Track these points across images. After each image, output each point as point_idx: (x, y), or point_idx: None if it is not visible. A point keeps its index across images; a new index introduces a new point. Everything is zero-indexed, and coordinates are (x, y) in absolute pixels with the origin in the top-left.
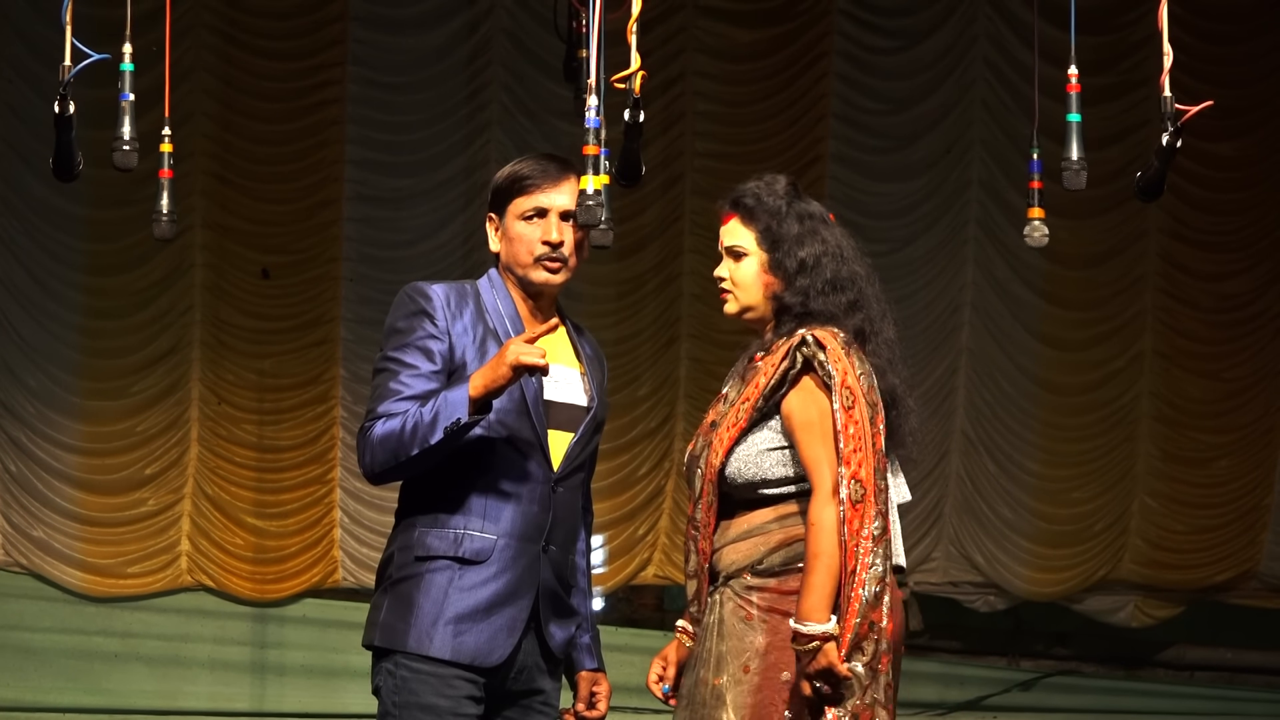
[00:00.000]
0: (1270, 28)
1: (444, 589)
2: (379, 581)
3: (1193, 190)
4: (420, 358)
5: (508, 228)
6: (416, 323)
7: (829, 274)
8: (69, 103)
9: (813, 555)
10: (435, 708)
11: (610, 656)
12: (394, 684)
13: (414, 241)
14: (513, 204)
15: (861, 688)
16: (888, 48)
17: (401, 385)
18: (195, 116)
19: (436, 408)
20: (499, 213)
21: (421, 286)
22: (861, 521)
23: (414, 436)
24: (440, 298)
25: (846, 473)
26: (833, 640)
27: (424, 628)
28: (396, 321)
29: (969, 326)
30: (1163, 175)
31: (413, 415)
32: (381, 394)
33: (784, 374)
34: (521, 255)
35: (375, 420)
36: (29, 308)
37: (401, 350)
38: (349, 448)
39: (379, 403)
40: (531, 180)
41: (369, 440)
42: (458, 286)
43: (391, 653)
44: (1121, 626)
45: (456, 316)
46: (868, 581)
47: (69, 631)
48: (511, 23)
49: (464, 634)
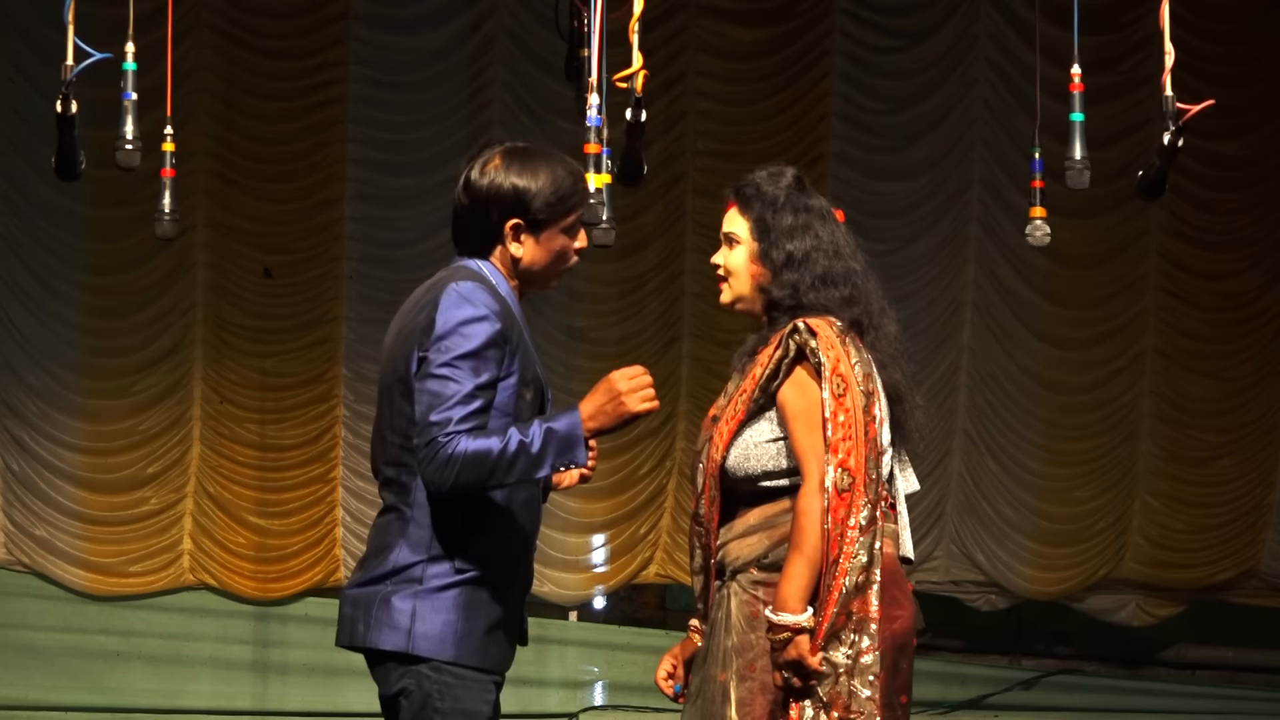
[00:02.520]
0: (1271, 27)
1: (484, 602)
2: (393, 583)
3: (1194, 189)
4: (487, 368)
5: (547, 239)
6: (481, 329)
7: (820, 269)
8: (71, 102)
9: (794, 545)
10: (480, 713)
11: (612, 655)
12: (437, 689)
13: (416, 241)
14: (564, 219)
15: (836, 675)
16: (889, 47)
17: (478, 396)
18: (197, 116)
19: (545, 441)
20: (533, 224)
21: (478, 290)
22: (848, 510)
23: (514, 465)
24: (494, 304)
25: (834, 461)
26: (805, 633)
27: (467, 638)
28: (456, 324)
29: (970, 325)
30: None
31: (514, 441)
32: (455, 401)
33: (778, 364)
34: (557, 265)
35: (459, 434)
36: (31, 307)
37: (470, 357)
38: (351, 447)
39: (454, 412)
40: (578, 196)
41: (454, 455)
42: (489, 287)
43: (424, 659)
44: (1123, 625)
45: (506, 323)
46: (850, 571)
47: (71, 630)
48: (513, 22)
49: (494, 643)
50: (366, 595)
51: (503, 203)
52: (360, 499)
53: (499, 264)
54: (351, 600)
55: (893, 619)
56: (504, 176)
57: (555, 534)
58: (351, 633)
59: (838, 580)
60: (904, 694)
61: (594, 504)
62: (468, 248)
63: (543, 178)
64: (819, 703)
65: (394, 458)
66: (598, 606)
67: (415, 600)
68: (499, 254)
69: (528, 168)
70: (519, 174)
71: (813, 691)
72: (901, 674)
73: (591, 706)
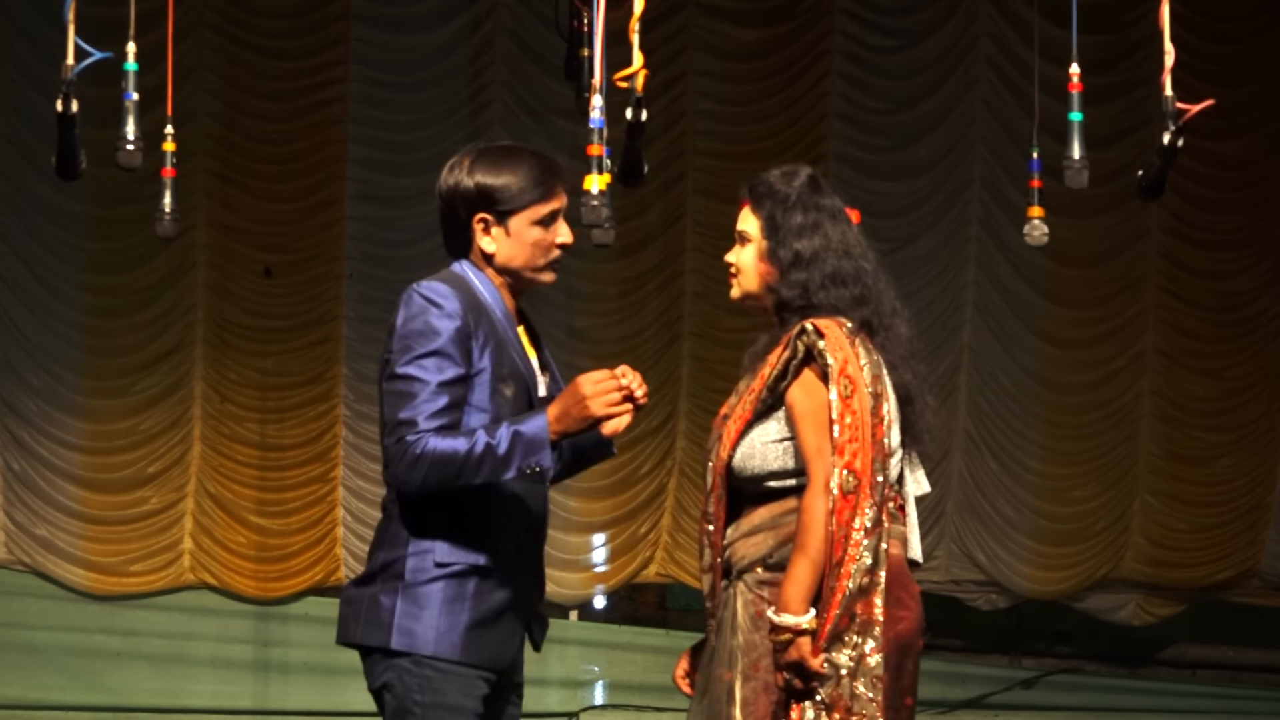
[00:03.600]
0: (1271, 27)
1: (467, 596)
2: (381, 580)
3: (1194, 189)
4: (451, 364)
5: (517, 231)
6: (442, 325)
7: (829, 268)
8: (72, 101)
9: (798, 546)
10: (462, 708)
11: (613, 655)
12: (417, 683)
13: (416, 240)
14: (527, 210)
15: (838, 678)
16: (889, 47)
17: (443, 393)
18: (198, 115)
19: (511, 443)
20: (499, 216)
21: (438, 287)
22: (853, 513)
23: (480, 466)
24: (456, 300)
25: (840, 463)
26: (807, 634)
27: (447, 632)
28: (416, 323)
29: (971, 325)
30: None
31: (481, 443)
32: (421, 400)
33: (785, 364)
34: (535, 258)
35: (427, 433)
36: (32, 306)
37: (433, 355)
38: (351, 446)
39: (420, 410)
40: (545, 186)
41: (422, 454)
42: (457, 284)
43: (405, 653)
44: (1123, 625)
45: (472, 318)
46: (854, 574)
47: (72, 630)
48: (513, 21)
49: (483, 638)
50: (359, 594)
51: (467, 200)
52: (361, 499)
53: (479, 263)
54: (347, 599)
55: (897, 620)
56: (468, 175)
57: (555, 533)
58: (346, 630)
59: (841, 582)
60: (909, 695)
61: (594, 503)
62: (450, 249)
63: (506, 173)
64: (820, 704)
65: (384, 459)
66: (598, 606)
67: (398, 596)
68: (475, 252)
69: (494, 164)
70: (484, 171)
71: (814, 693)
72: (906, 675)
73: (591, 706)
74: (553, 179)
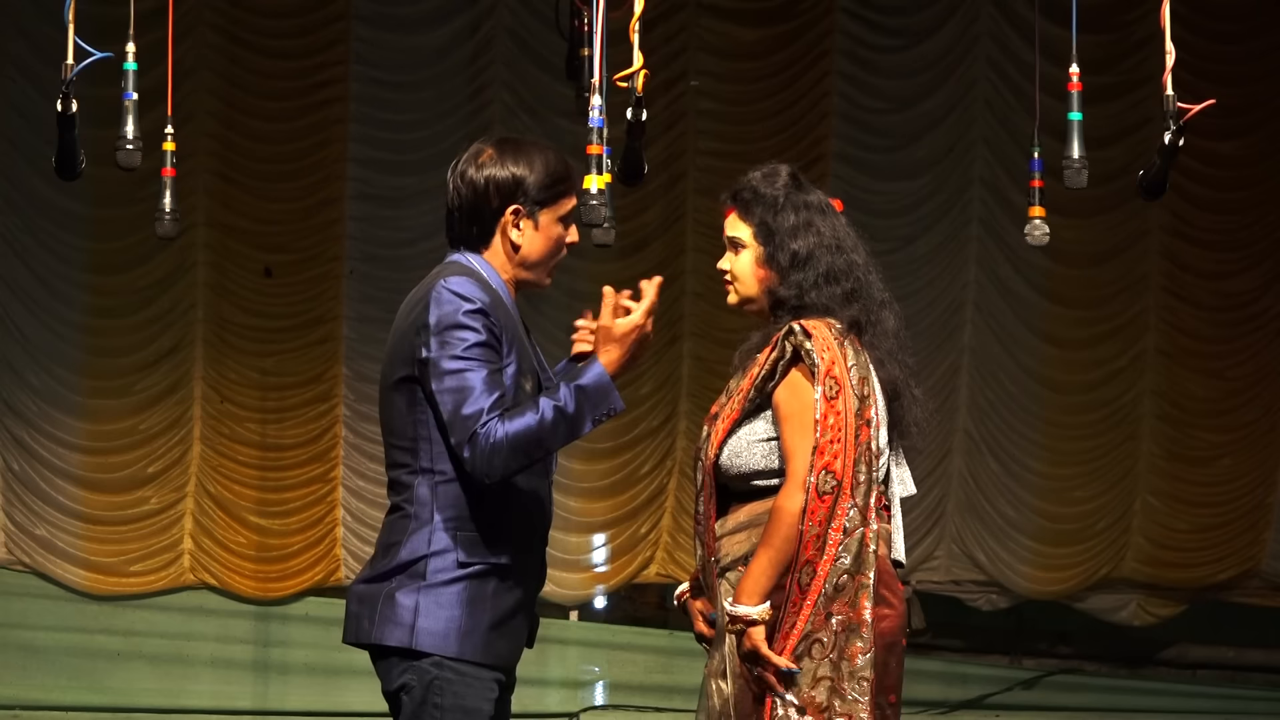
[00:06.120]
0: (1272, 26)
1: (487, 596)
2: (398, 579)
3: (1195, 189)
4: (496, 355)
5: (545, 226)
6: (478, 320)
7: (824, 266)
8: (72, 101)
9: (763, 540)
10: (479, 711)
11: (613, 655)
12: (438, 685)
13: (416, 240)
14: (559, 203)
15: (814, 679)
16: (890, 46)
17: (496, 381)
18: (198, 115)
19: (578, 400)
20: (532, 208)
21: (466, 283)
22: (829, 513)
23: (556, 430)
24: (485, 296)
25: (819, 463)
26: (759, 625)
27: (470, 633)
28: (454, 319)
29: (971, 325)
30: (1165, 174)
31: (549, 410)
32: (479, 393)
33: (774, 364)
34: (548, 255)
35: (493, 420)
36: (32, 306)
37: (477, 347)
38: (351, 446)
39: (481, 402)
40: (569, 182)
41: (497, 441)
42: (478, 279)
43: (426, 654)
44: (1124, 625)
45: (499, 314)
46: (831, 574)
47: (72, 630)
48: (514, 21)
49: (500, 638)
50: (372, 591)
51: (502, 190)
52: (361, 498)
53: (492, 258)
54: (357, 597)
55: (881, 618)
56: (500, 166)
57: (555, 533)
58: (357, 629)
59: (815, 582)
60: (893, 693)
61: (594, 504)
62: (464, 242)
63: (537, 163)
64: (791, 705)
65: (394, 459)
66: (598, 606)
67: (419, 595)
68: (495, 246)
69: (521, 155)
70: (514, 162)
71: (786, 691)
72: (891, 673)
73: (592, 706)
74: (574, 173)
